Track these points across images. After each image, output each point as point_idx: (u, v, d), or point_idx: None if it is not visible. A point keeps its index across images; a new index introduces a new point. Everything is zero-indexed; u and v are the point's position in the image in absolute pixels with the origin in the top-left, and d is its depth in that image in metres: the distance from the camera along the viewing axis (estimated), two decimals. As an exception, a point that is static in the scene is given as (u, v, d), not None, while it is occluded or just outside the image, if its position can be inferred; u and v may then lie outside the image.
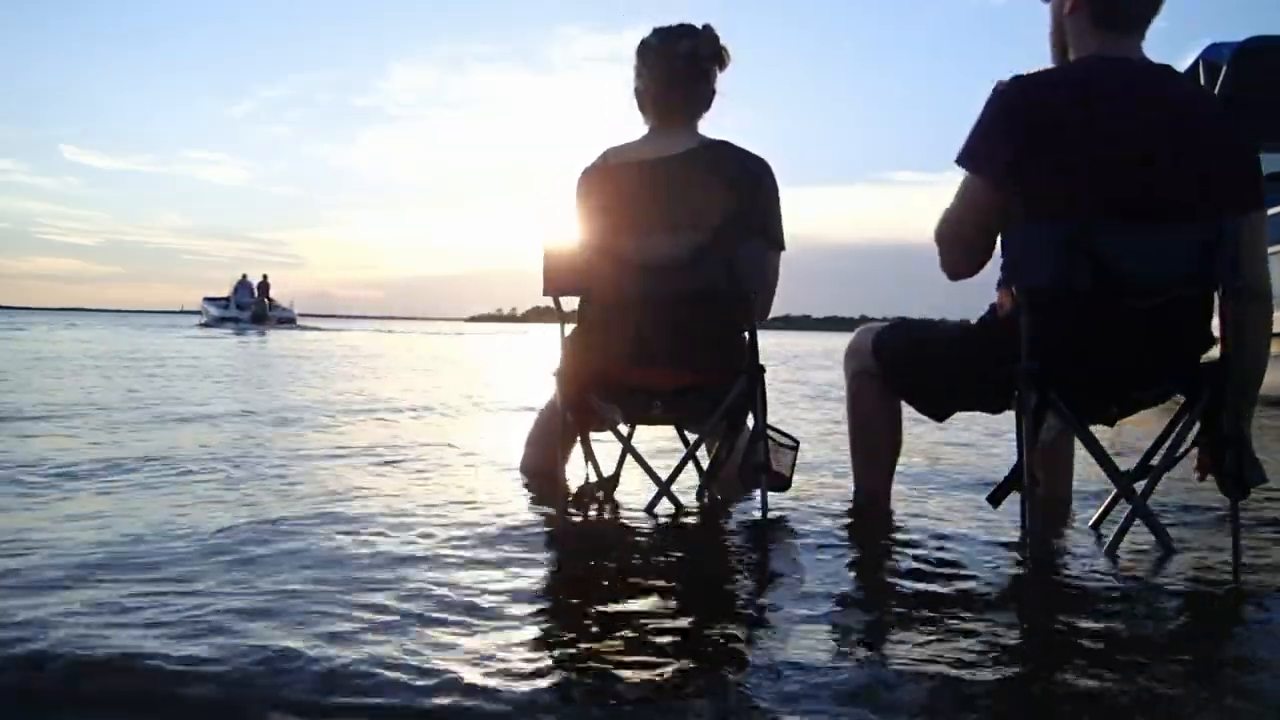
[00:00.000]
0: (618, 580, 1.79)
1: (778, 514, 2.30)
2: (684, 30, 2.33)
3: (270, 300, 34.72)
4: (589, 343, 2.32)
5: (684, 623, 1.54)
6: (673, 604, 1.66)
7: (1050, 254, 1.84)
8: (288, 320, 34.02)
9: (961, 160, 1.98)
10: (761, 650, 1.42)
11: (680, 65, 2.31)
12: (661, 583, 1.79)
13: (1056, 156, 1.88)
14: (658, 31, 2.35)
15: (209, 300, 34.66)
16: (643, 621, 1.52)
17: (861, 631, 1.53)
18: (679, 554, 2.02)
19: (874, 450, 2.43)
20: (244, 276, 34.87)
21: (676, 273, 2.19)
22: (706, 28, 2.33)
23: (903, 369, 2.27)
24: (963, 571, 1.88)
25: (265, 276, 34.72)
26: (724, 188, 2.26)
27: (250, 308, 33.55)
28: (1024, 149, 1.89)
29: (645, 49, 2.35)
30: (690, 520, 2.30)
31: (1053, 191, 1.88)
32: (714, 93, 2.37)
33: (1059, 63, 2.05)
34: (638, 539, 2.12)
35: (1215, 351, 1.95)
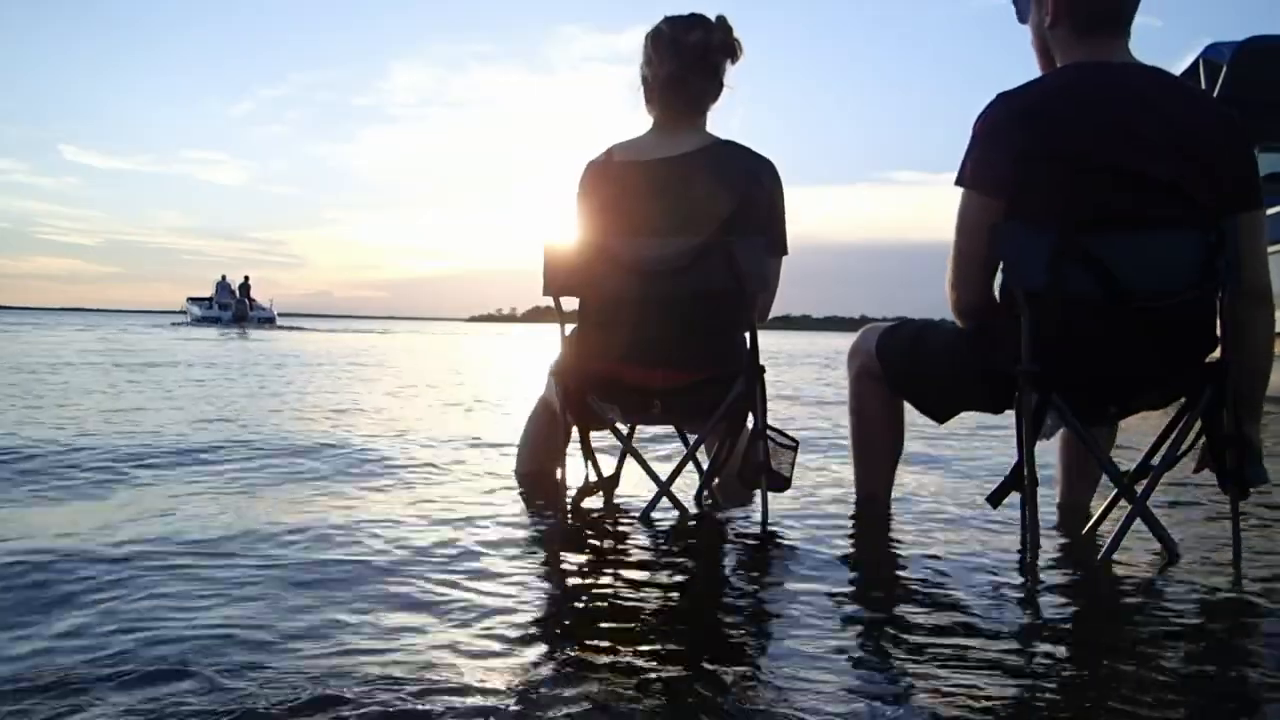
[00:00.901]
0: (615, 582, 1.81)
1: (777, 514, 2.33)
2: (696, 20, 2.32)
3: (251, 300, 36.99)
4: (589, 342, 2.33)
5: (683, 626, 1.57)
6: (672, 606, 1.68)
7: (1045, 259, 1.86)
8: (267, 320, 36.49)
9: (960, 180, 2.00)
10: (760, 653, 1.44)
11: (690, 56, 2.30)
12: (660, 584, 1.81)
13: (1048, 163, 1.90)
14: (669, 20, 2.34)
15: (192, 300, 37.49)
16: (641, 623, 1.55)
17: (860, 634, 1.55)
18: (678, 555, 2.05)
19: (875, 450, 2.46)
20: (223, 277, 37.99)
21: (678, 274, 2.21)
22: (720, 19, 2.33)
23: (904, 369, 2.30)
24: (962, 574, 1.90)
25: (246, 278, 37.40)
26: (728, 188, 2.26)
27: (232, 308, 36.28)
28: (1017, 158, 1.91)
29: (657, 37, 2.33)
30: (690, 521, 2.32)
31: (1047, 197, 1.90)
32: (723, 86, 2.36)
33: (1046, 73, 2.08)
34: (636, 541, 2.15)
35: (1216, 352, 1.98)
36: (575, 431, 2.38)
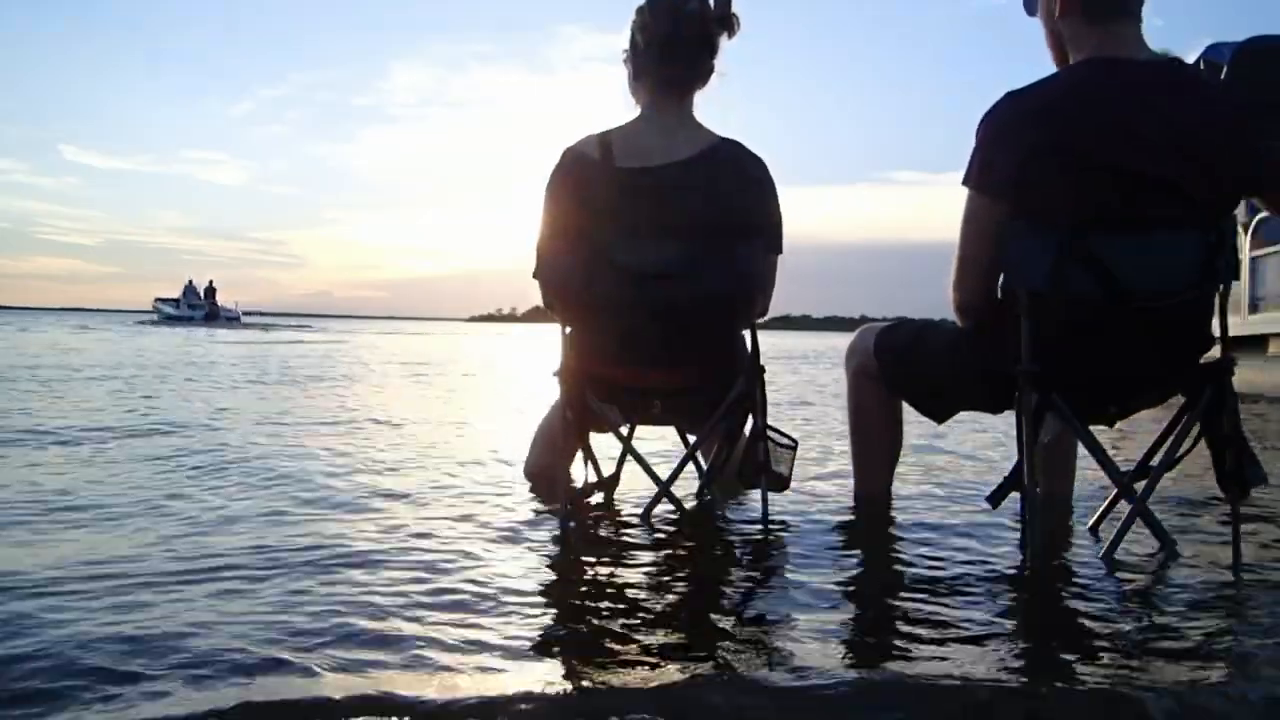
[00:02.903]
0: (616, 582, 1.85)
1: (777, 515, 2.37)
2: None
3: (215, 303, 39.27)
4: (589, 344, 2.35)
5: (682, 626, 1.61)
6: (671, 607, 1.73)
7: (1048, 259, 1.90)
8: (233, 319, 40.28)
9: (966, 181, 2.03)
10: (759, 655, 1.47)
11: (686, 26, 2.27)
12: (660, 585, 1.86)
13: (1055, 163, 1.93)
14: None
15: (161, 301, 41.05)
16: (640, 623, 1.59)
17: (860, 636, 1.60)
18: (678, 556, 2.09)
19: (874, 450, 2.52)
20: (190, 281, 42.04)
21: (679, 278, 2.23)
22: None
23: (903, 369, 2.35)
24: (962, 573, 1.96)
25: (211, 281, 41.53)
26: (729, 191, 2.28)
27: (203, 308, 39.96)
28: (1024, 160, 1.94)
29: (652, 4, 2.30)
30: (689, 521, 2.37)
31: (1053, 196, 1.94)
32: (713, 68, 2.34)
33: (1060, 67, 2.12)
34: (636, 541, 2.19)
35: (1216, 351, 2.03)
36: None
